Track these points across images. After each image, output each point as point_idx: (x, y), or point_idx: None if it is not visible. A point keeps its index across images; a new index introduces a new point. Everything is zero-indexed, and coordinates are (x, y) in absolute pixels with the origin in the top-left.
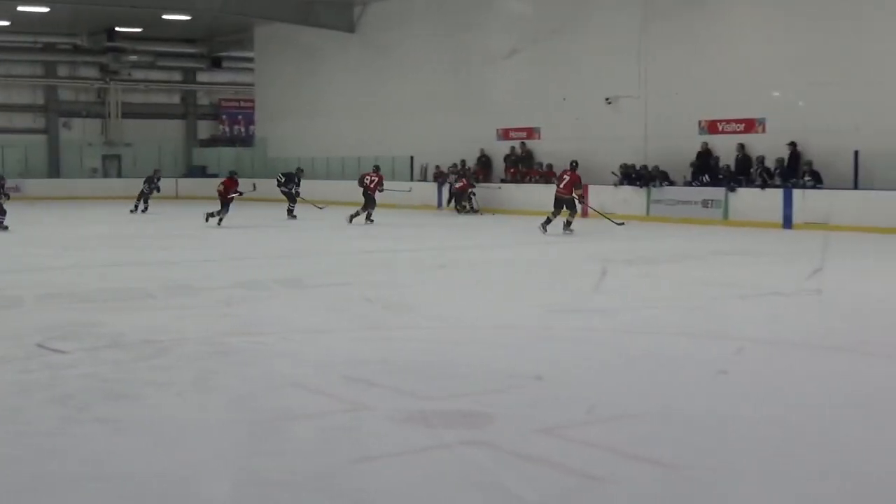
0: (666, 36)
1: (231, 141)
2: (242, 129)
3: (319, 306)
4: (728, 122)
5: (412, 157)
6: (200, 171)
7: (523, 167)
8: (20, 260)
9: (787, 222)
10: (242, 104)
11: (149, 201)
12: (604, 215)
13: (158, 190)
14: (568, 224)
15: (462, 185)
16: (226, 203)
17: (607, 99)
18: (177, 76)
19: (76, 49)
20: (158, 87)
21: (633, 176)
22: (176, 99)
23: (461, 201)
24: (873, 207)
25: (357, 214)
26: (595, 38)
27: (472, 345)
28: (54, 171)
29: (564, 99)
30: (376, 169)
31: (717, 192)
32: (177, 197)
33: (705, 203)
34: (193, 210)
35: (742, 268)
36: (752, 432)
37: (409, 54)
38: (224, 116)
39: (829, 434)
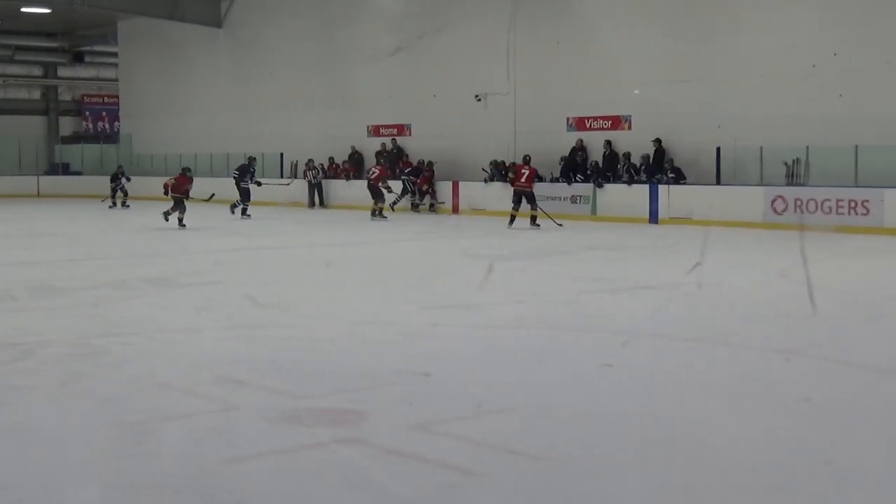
0: (534, 34)
1: (95, 137)
2: (107, 126)
3: (189, 306)
4: (595, 118)
5: (282, 154)
6: (63, 169)
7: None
8: None
9: (654, 217)
10: (107, 100)
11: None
12: (547, 215)
13: (128, 179)
14: (534, 219)
15: (377, 176)
16: (180, 200)
17: (477, 96)
18: (36, 71)
19: None
20: (17, 82)
21: (504, 172)
22: (36, 94)
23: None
24: (734, 202)
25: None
26: (465, 35)
27: (347, 343)
28: None
29: (434, 96)
30: (379, 162)
31: (586, 189)
32: (38, 195)
33: (574, 199)
34: (55, 208)
35: (614, 263)
36: (625, 424)
37: (278, 50)
38: (87, 112)
39: (699, 424)
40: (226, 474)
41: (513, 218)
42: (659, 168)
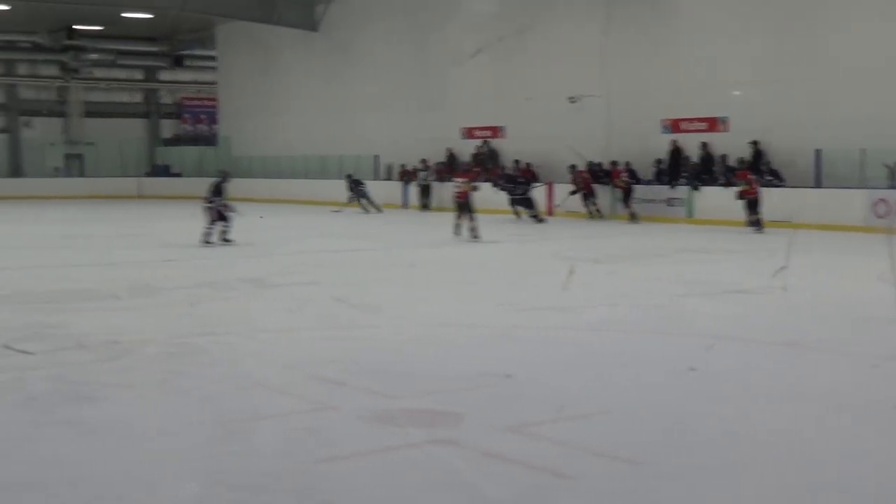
0: (628, 34)
1: (195, 139)
2: (206, 128)
3: (284, 306)
4: (691, 120)
5: (376, 157)
6: (164, 171)
7: (490, 165)
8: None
9: None
10: (205, 103)
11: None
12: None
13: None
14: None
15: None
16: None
17: (570, 98)
18: (138, 75)
19: (36, 47)
20: (120, 86)
21: (600, 174)
22: (138, 98)
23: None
24: (833, 205)
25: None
26: (558, 37)
27: (438, 344)
28: (16, 170)
29: (528, 98)
30: (466, 171)
31: (682, 191)
32: (139, 196)
33: (670, 201)
34: (156, 209)
35: (705, 266)
36: (713, 428)
37: (372, 53)
38: (186, 115)
39: (788, 429)
40: (320, 474)
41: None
42: (756, 170)
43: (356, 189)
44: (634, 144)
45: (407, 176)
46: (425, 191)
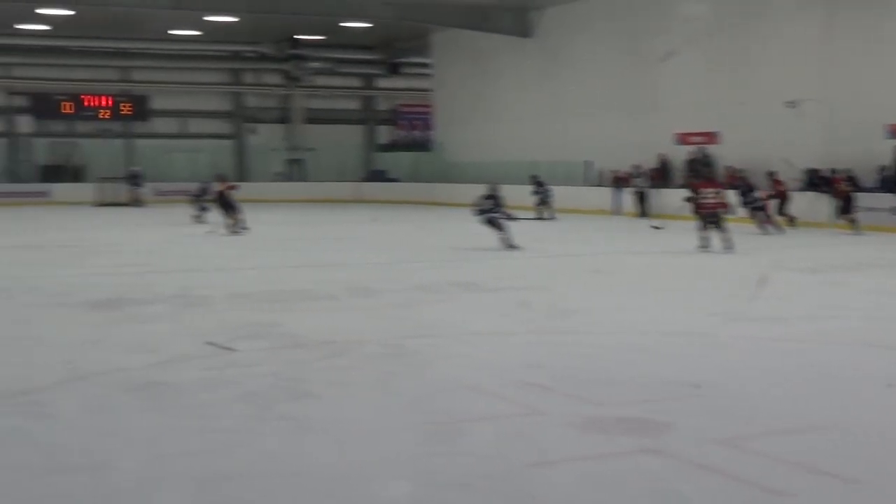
0: (850, 36)
1: (409, 145)
2: (421, 134)
3: (496, 310)
4: None
5: (587, 162)
6: (380, 175)
7: (704, 172)
8: (211, 260)
9: None
10: (420, 109)
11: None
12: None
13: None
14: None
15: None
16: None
17: (788, 102)
18: (356, 82)
19: (261, 57)
20: (339, 93)
21: (817, 182)
22: (356, 104)
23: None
24: None
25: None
26: (775, 40)
27: (648, 351)
28: (242, 174)
29: (742, 103)
30: (709, 180)
31: None
32: (357, 200)
33: (894, 210)
34: (374, 213)
35: None
36: None
37: (584, 58)
38: (402, 121)
39: None
40: (530, 478)
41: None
42: None
43: (540, 192)
44: (855, 150)
45: (619, 182)
46: (640, 197)
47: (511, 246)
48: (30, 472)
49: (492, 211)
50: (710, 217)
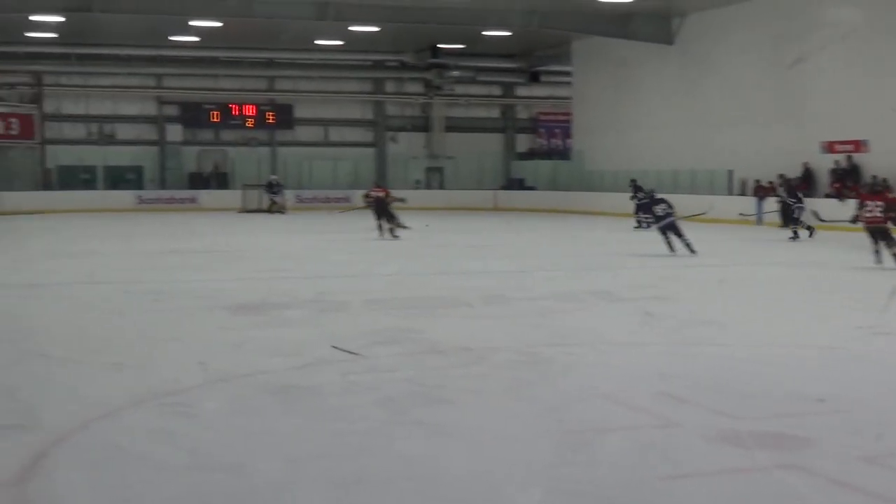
0: None
1: (549, 154)
2: (560, 143)
3: (632, 319)
4: None
5: (730, 171)
6: (519, 184)
7: (850, 182)
8: (348, 266)
9: None
10: (560, 117)
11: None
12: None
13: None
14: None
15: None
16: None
17: None
18: (496, 91)
19: (403, 66)
20: (479, 102)
21: None
22: (495, 113)
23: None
24: None
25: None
26: None
27: (782, 365)
28: (382, 182)
29: (894, 109)
30: (877, 192)
31: None
32: (495, 208)
33: None
34: (511, 221)
35: None
36: None
37: (728, 65)
38: (542, 130)
39: None
40: (663, 491)
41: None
42: None
43: (639, 198)
44: None
45: (761, 191)
46: (784, 207)
47: (693, 251)
48: (172, 470)
49: (666, 216)
50: (875, 231)
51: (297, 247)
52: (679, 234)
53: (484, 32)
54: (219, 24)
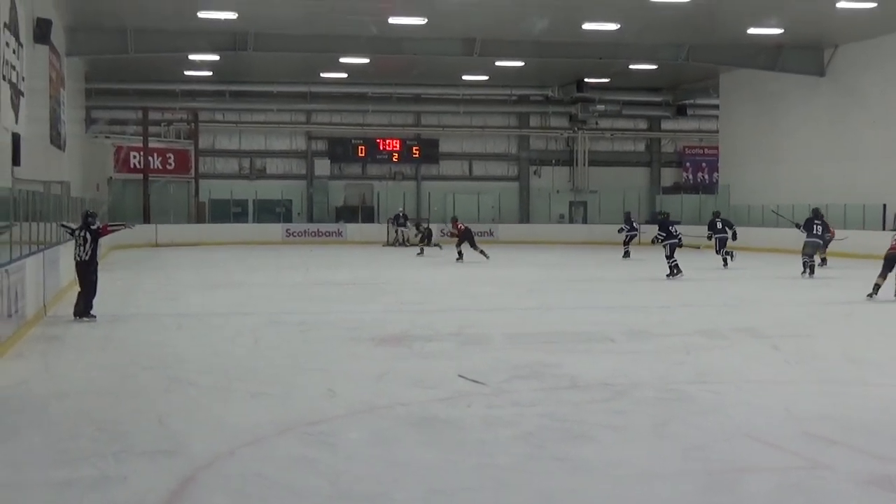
0: None
1: (694, 188)
2: (705, 177)
3: (779, 357)
4: None
5: (885, 206)
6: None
7: None
8: (488, 300)
9: None
10: (706, 151)
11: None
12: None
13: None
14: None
15: None
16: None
17: None
18: (642, 124)
19: (547, 100)
20: (624, 136)
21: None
22: (640, 147)
23: None
24: None
25: None
26: None
27: None
28: (524, 216)
29: None
30: None
31: None
32: (639, 242)
33: None
34: (655, 256)
35: None
36: None
37: (880, 96)
38: (687, 164)
39: None
40: None
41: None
42: None
43: (719, 232)
44: None
45: None
46: None
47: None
48: (313, 498)
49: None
50: None
51: (440, 280)
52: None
53: (631, 66)
54: (367, 61)
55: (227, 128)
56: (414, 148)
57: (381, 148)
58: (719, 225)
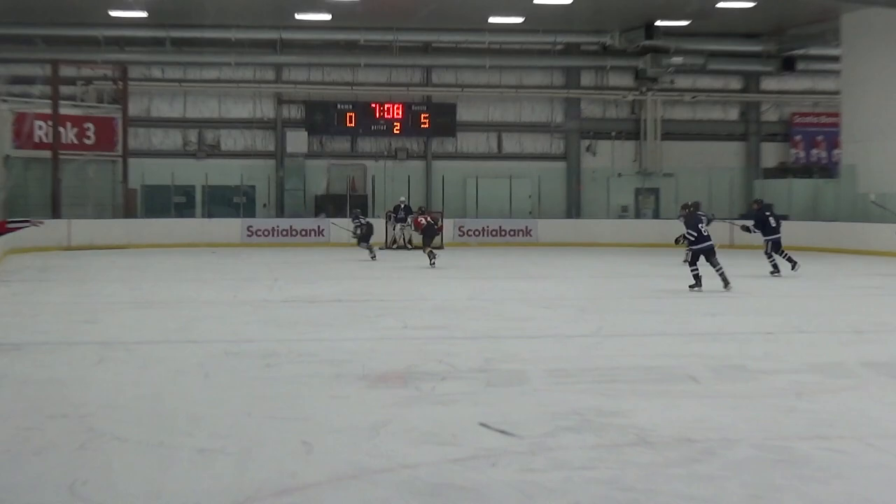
0: None
1: (806, 170)
2: (822, 154)
3: None
4: None
5: None
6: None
7: None
8: (529, 324)
9: None
10: (824, 120)
11: None
12: None
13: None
14: None
15: None
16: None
17: None
18: (734, 83)
19: (605, 50)
20: (710, 99)
21: None
22: (733, 114)
23: None
24: None
25: None
26: None
27: None
28: (573, 208)
29: None
30: None
31: None
32: (731, 245)
33: None
34: (754, 262)
35: None
36: None
37: None
38: (797, 136)
39: None
40: None
41: None
42: None
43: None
44: None
45: None
46: None
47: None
48: None
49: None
50: None
51: (459, 295)
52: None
53: (719, 3)
54: None
55: (166, 88)
56: (422, 115)
57: (378, 115)
58: (773, 223)
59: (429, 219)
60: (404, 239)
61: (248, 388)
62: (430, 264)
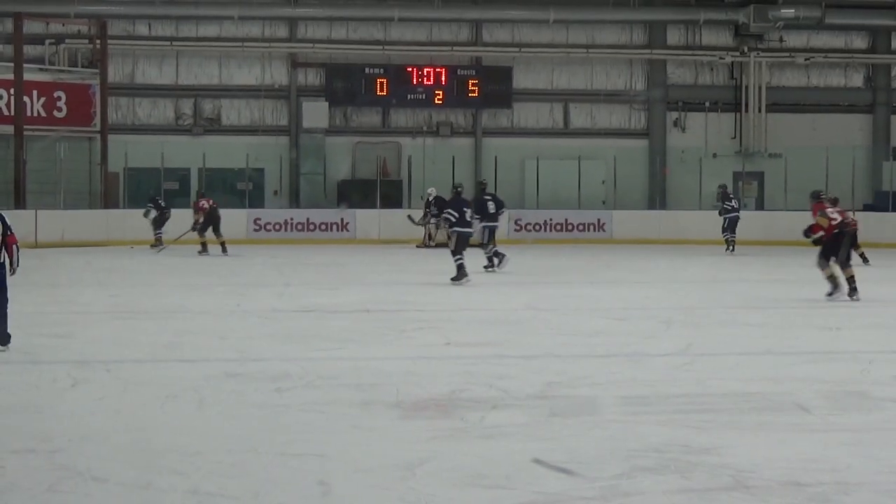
0: None
1: None
2: None
3: None
4: None
5: None
6: (893, 200)
7: None
8: (596, 340)
9: None
10: None
11: None
12: None
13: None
14: None
15: None
16: None
17: None
18: (858, 41)
19: (697, 1)
20: (828, 61)
21: None
22: (857, 80)
23: None
24: None
25: None
26: None
27: None
28: (657, 197)
29: None
30: None
31: None
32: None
33: None
34: (883, 264)
35: None
36: None
37: None
38: None
39: None
40: None
41: None
42: None
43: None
44: None
45: None
46: None
47: None
48: None
49: None
50: None
51: (512, 305)
52: None
53: None
54: None
55: (155, 49)
56: (470, 81)
57: (415, 82)
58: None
59: (209, 204)
60: (433, 236)
61: (254, 417)
62: (489, 267)
